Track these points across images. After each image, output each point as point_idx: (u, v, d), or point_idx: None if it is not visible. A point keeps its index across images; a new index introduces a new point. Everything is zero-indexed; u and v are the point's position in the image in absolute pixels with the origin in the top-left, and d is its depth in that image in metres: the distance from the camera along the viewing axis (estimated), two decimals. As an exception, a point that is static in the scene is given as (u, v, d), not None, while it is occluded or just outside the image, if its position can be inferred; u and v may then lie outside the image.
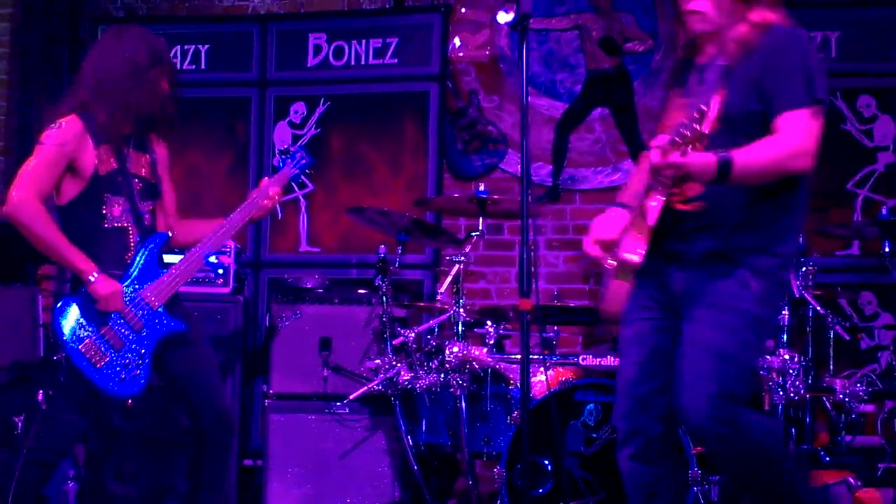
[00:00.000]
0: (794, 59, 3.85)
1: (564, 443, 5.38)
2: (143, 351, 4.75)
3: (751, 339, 3.88)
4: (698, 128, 3.47)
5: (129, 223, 4.83)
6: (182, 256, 4.95)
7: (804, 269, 5.69)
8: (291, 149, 5.58)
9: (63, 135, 4.72)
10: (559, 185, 7.73)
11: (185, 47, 8.28)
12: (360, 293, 6.62)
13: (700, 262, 3.89)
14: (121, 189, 4.81)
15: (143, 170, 4.95)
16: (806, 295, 5.60)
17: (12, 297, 6.51)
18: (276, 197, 5.10)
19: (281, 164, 5.30)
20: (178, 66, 8.22)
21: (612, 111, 7.75)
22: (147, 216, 4.92)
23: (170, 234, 5.00)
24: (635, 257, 3.72)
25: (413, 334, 6.04)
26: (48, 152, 4.71)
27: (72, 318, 4.68)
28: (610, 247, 3.87)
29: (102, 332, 4.69)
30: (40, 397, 6.09)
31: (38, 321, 6.65)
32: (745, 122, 3.85)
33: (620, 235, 3.83)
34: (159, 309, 4.81)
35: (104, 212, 4.78)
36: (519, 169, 4.69)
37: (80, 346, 4.64)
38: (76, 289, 4.74)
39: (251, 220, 5.08)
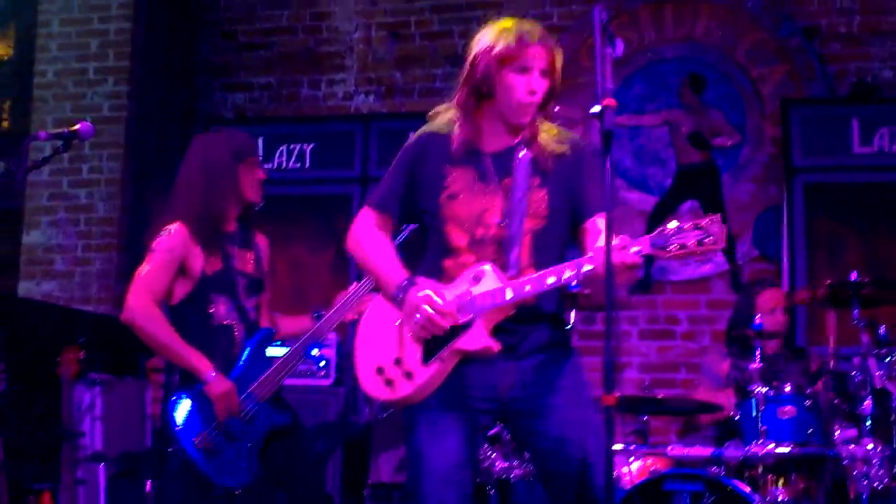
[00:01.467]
0: (598, 167, 3.86)
1: (654, 531, 5.51)
2: (251, 443, 4.91)
3: None
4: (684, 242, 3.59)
5: (235, 321, 5.01)
6: (285, 351, 5.11)
7: (888, 359, 5.75)
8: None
9: (171, 241, 4.93)
10: (651, 276, 7.91)
11: (291, 147, 8.62)
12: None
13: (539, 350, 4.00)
14: (226, 288, 5.01)
15: (248, 266, 5.14)
16: (888, 385, 5.66)
17: (123, 390, 6.72)
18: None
19: None
20: (284, 165, 8.58)
21: (700, 204, 7.92)
22: (252, 312, 5.10)
23: (274, 330, 5.19)
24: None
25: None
26: (160, 258, 4.93)
27: (185, 411, 4.84)
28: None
29: (215, 425, 4.85)
30: (149, 488, 6.29)
31: (147, 413, 6.85)
32: (560, 222, 3.99)
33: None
34: (266, 402, 4.98)
35: (211, 311, 4.96)
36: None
37: (193, 438, 4.81)
38: (187, 383, 4.91)
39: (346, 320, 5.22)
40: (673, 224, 3.60)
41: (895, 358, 5.76)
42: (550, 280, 3.74)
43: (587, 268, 3.66)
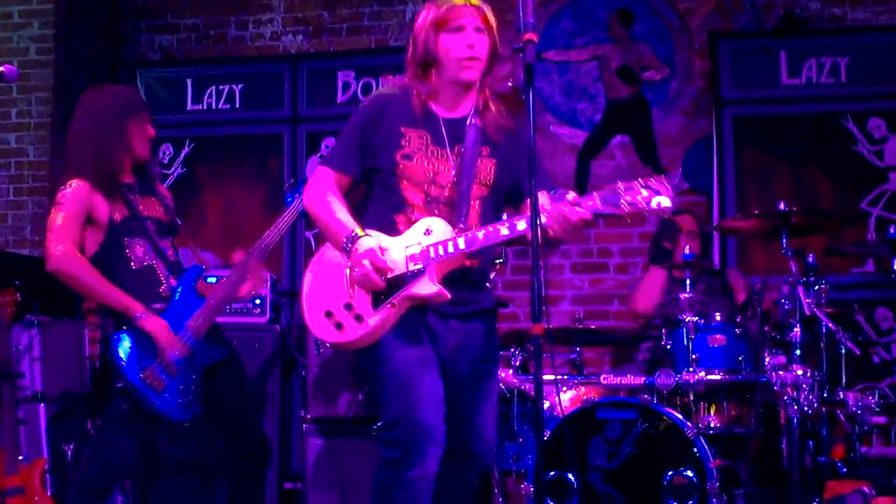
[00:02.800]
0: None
1: (587, 459, 5.59)
2: (194, 377, 5.01)
3: None
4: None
5: (154, 260, 5.09)
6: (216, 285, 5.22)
7: (816, 287, 5.82)
8: (295, 181, 5.79)
9: (76, 193, 4.97)
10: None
11: (220, 87, 8.56)
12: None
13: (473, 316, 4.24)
14: (138, 231, 5.07)
15: (155, 210, 5.21)
16: (817, 312, 5.73)
17: (60, 331, 6.70)
18: (279, 234, 5.41)
19: (290, 198, 5.58)
20: (213, 106, 8.53)
21: (631, 138, 7.98)
22: (170, 251, 5.19)
23: (204, 267, 5.25)
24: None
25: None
26: (69, 208, 4.97)
27: (128, 347, 4.91)
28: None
29: (158, 360, 4.93)
30: (89, 426, 6.32)
31: (86, 354, 6.85)
32: (501, 193, 4.25)
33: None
34: (203, 337, 5.06)
35: (128, 254, 5.04)
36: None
37: (141, 375, 4.88)
38: (120, 325, 4.97)
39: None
40: (622, 183, 3.78)
41: (823, 286, 5.85)
42: (504, 231, 3.93)
43: (543, 218, 3.80)
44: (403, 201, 4.12)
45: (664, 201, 3.73)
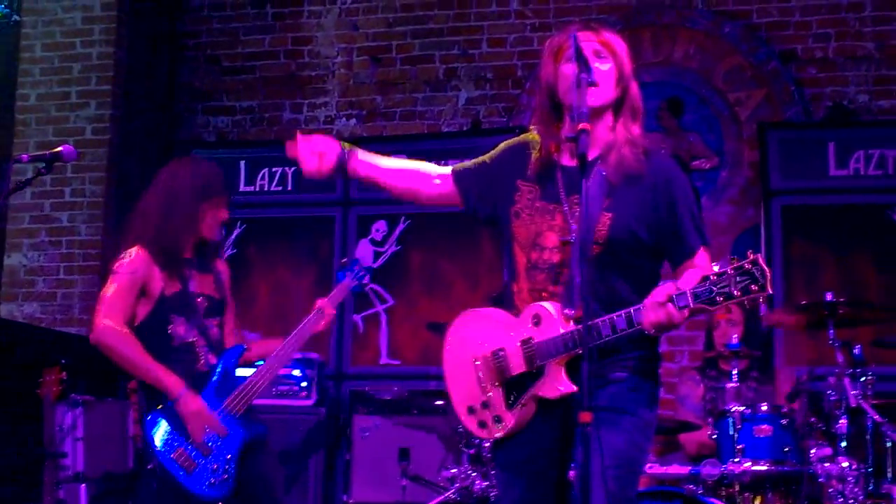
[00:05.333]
0: (690, 195, 3.74)
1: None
2: (229, 456, 4.99)
3: None
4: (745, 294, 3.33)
5: (196, 338, 5.09)
6: (253, 370, 5.21)
7: (863, 378, 5.81)
8: (347, 260, 5.84)
9: (133, 263, 4.99)
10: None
11: (273, 170, 8.66)
12: (438, 404, 6.80)
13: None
14: (185, 308, 5.08)
15: (208, 288, 5.22)
16: (863, 404, 5.71)
17: (104, 411, 6.78)
18: (331, 317, 5.43)
19: (340, 276, 5.61)
20: (266, 188, 8.63)
21: (681, 227, 7.97)
22: (214, 329, 5.19)
23: (245, 347, 5.27)
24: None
25: (487, 444, 6.10)
26: (123, 280, 4.99)
27: (162, 429, 4.93)
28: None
29: (191, 441, 4.93)
30: (131, 508, 6.34)
31: (128, 434, 6.88)
32: (627, 251, 3.69)
33: None
34: (241, 415, 5.06)
35: (170, 331, 5.04)
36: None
37: (171, 455, 4.89)
38: (156, 403, 4.97)
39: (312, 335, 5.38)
40: (715, 270, 3.37)
41: (869, 377, 5.83)
42: (606, 333, 3.54)
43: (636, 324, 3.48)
44: (513, 266, 3.82)
45: (763, 287, 3.30)
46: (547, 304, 3.69)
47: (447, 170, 4.04)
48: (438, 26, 8.71)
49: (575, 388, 3.62)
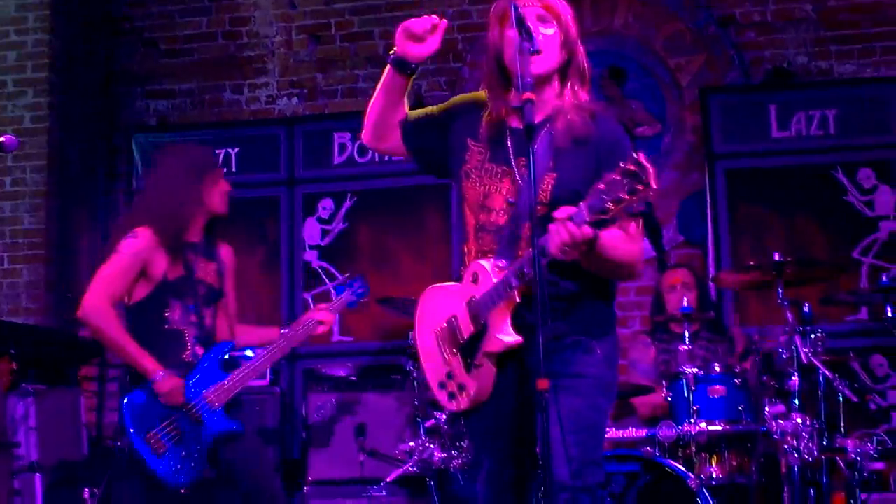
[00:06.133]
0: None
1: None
2: (198, 446, 5.06)
3: None
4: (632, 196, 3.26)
5: (187, 326, 5.17)
6: (244, 362, 5.29)
7: (813, 336, 5.88)
8: (349, 276, 5.89)
9: (138, 244, 5.08)
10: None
11: (216, 151, 8.59)
12: (392, 379, 6.83)
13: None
14: (184, 294, 5.17)
15: (209, 276, 5.30)
16: (815, 361, 5.78)
17: (56, 399, 6.74)
18: (330, 323, 5.54)
19: (338, 291, 5.70)
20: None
21: (626, 192, 8.00)
22: (208, 319, 5.26)
23: (234, 343, 5.35)
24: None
25: (444, 416, 6.21)
26: (124, 261, 5.09)
27: (137, 409, 5.01)
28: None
29: (164, 424, 5.01)
30: (86, 495, 6.32)
31: (82, 421, 6.85)
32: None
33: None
34: (219, 409, 5.12)
35: (165, 315, 5.13)
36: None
37: (144, 436, 4.97)
38: (137, 383, 5.05)
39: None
40: (601, 184, 3.30)
41: (819, 335, 5.90)
42: (527, 270, 3.48)
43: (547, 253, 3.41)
44: (464, 227, 3.85)
45: (647, 181, 3.26)
46: (482, 261, 3.70)
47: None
48: (377, 3, 8.66)
49: (520, 338, 3.60)
